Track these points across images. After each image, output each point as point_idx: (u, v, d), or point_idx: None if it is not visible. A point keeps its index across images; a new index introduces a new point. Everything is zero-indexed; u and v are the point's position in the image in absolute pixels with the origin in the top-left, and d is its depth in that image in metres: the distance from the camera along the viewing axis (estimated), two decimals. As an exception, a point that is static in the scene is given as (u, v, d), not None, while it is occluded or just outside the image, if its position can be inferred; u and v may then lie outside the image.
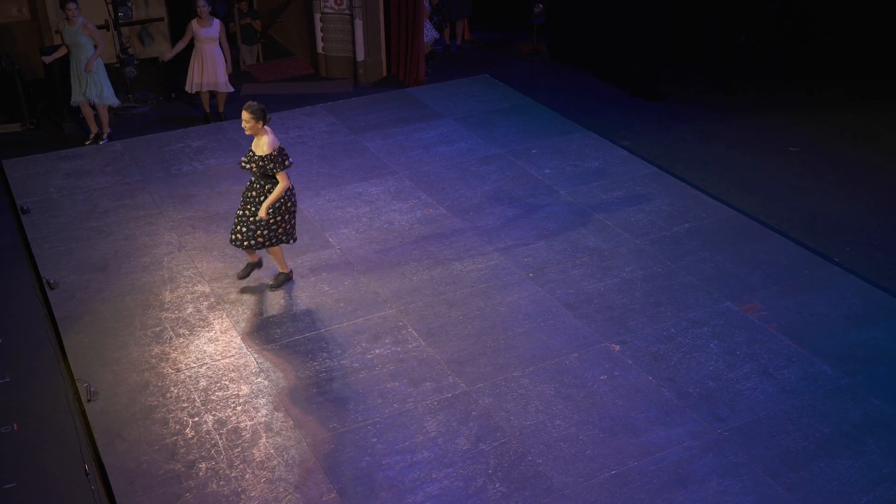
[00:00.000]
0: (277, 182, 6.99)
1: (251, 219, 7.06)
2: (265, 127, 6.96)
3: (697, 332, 6.96)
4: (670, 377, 6.48)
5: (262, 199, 7.04)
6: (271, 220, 7.08)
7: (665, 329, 6.99)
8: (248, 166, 7.03)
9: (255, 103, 6.95)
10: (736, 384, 6.40)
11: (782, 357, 6.67)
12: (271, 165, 6.91)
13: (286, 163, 6.97)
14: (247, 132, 6.96)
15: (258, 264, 7.57)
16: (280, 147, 6.98)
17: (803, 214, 8.76)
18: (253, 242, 7.13)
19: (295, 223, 7.33)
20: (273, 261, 7.55)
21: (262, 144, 6.94)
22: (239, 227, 7.12)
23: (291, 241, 7.38)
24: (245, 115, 6.90)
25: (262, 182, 7.04)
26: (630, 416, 6.11)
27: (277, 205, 7.04)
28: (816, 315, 7.14)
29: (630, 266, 7.81)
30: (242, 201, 7.13)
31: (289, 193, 7.10)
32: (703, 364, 6.61)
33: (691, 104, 11.39)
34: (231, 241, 7.20)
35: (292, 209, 7.19)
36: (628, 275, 7.68)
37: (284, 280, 7.53)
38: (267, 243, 7.18)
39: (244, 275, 7.55)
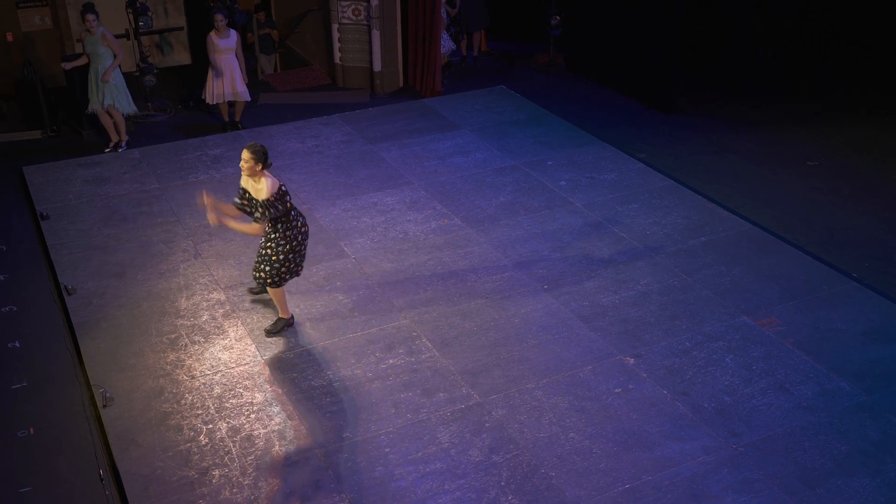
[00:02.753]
0: (282, 222, 6.58)
1: (260, 251, 6.78)
2: (264, 171, 6.48)
3: (713, 346, 6.91)
4: (685, 391, 6.44)
5: (272, 234, 6.64)
6: (273, 257, 6.68)
7: (680, 343, 6.95)
8: (249, 211, 6.61)
9: (259, 145, 6.46)
10: (751, 399, 6.35)
11: (799, 373, 6.61)
12: (260, 213, 6.46)
13: (282, 207, 6.46)
14: (244, 172, 6.48)
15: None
16: (279, 189, 6.46)
17: (821, 229, 8.69)
18: (256, 275, 6.83)
19: (301, 260, 6.87)
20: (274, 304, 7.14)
21: (262, 189, 6.45)
22: (256, 258, 6.87)
23: (296, 277, 6.97)
24: (246, 154, 6.39)
25: (263, 223, 6.64)
26: (644, 430, 6.07)
27: (282, 243, 6.64)
28: (834, 331, 7.08)
29: (645, 279, 7.77)
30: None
31: (294, 232, 6.66)
32: (719, 378, 6.56)
33: (708, 117, 11.35)
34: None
35: (297, 248, 6.75)
36: (643, 288, 7.64)
37: (283, 326, 7.07)
38: (269, 280, 6.77)
39: (258, 290, 7.50)
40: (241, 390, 6.49)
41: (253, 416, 6.25)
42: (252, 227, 6.62)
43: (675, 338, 7.01)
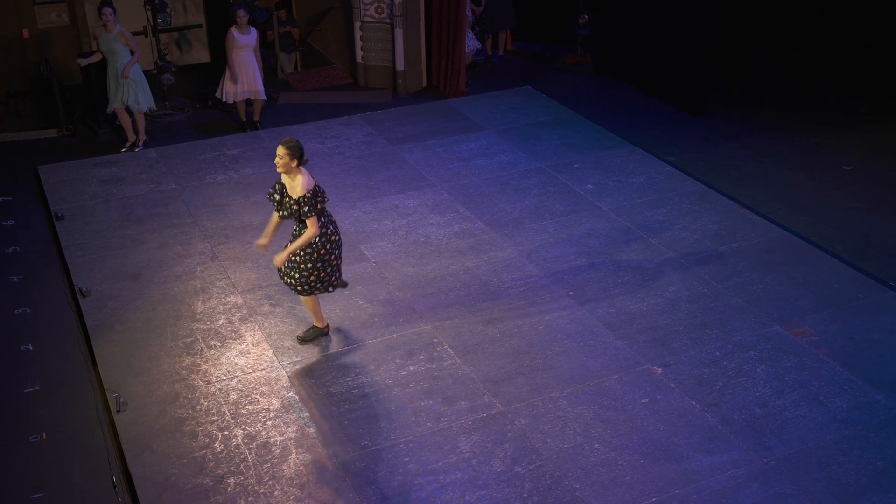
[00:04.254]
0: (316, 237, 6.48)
1: (290, 256, 6.63)
2: (300, 167, 6.41)
3: (744, 356, 6.87)
4: (715, 402, 6.40)
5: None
6: (302, 265, 6.57)
7: (710, 352, 6.91)
8: (281, 212, 6.53)
9: (294, 140, 6.37)
10: (784, 411, 6.30)
11: (833, 384, 6.56)
12: (305, 209, 6.37)
13: (318, 206, 6.42)
14: (278, 169, 6.38)
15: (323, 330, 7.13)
16: (315, 187, 6.42)
17: (857, 236, 8.62)
18: (287, 280, 6.71)
19: (333, 271, 6.74)
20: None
21: (297, 186, 6.38)
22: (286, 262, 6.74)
23: (330, 290, 6.87)
24: (281, 150, 6.30)
25: (298, 225, 6.59)
26: (672, 442, 6.04)
27: (309, 251, 6.52)
28: (870, 341, 7.01)
29: (674, 286, 7.73)
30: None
31: (323, 240, 6.52)
32: (750, 390, 6.52)
33: (740, 120, 11.28)
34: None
35: (326, 257, 6.59)
36: (672, 295, 7.61)
37: (316, 335, 7.02)
38: (299, 288, 6.66)
39: (306, 337, 7.11)
40: (257, 396, 6.52)
41: (269, 423, 6.27)
42: (306, 234, 6.41)
43: (705, 347, 6.97)
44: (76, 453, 6.11)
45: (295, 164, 6.37)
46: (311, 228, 6.43)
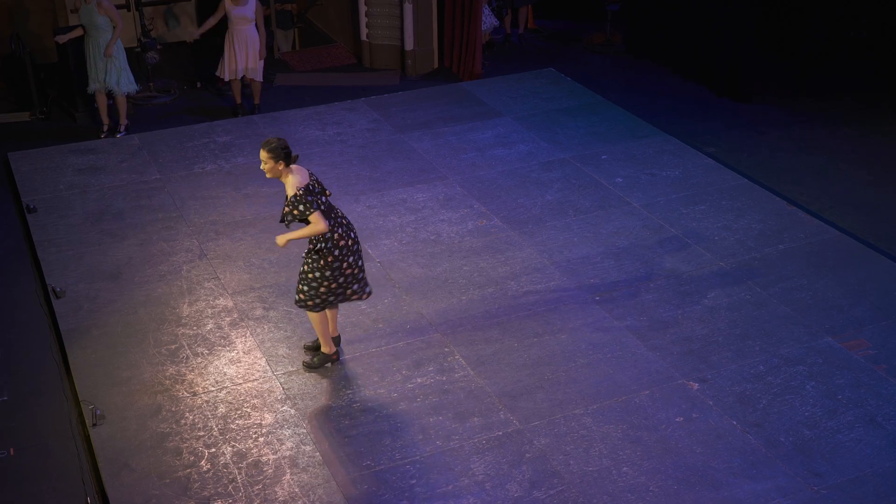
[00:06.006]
0: (324, 234, 6.33)
1: (301, 266, 6.59)
2: (290, 167, 6.34)
3: (791, 370, 6.83)
4: (758, 422, 6.37)
5: (314, 246, 6.42)
6: (310, 274, 6.47)
7: (753, 366, 6.88)
8: (285, 221, 6.43)
9: (276, 140, 6.30)
10: (836, 434, 6.27)
11: (893, 404, 6.52)
12: (301, 208, 6.24)
13: (318, 202, 6.30)
14: (267, 175, 6.33)
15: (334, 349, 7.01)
16: (308, 185, 6.32)
17: (919, 238, 8.59)
18: (296, 297, 6.62)
19: (348, 281, 6.58)
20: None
21: (288, 185, 6.33)
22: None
23: (355, 298, 6.75)
24: (263, 153, 6.24)
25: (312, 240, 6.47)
26: (709, 466, 6.02)
27: (315, 257, 6.41)
28: (933, 356, 6.98)
29: (713, 292, 7.70)
30: None
31: (329, 245, 6.38)
32: (798, 409, 6.48)
33: (789, 107, 11.26)
34: None
35: (336, 265, 6.44)
36: (711, 302, 7.58)
37: (323, 362, 6.88)
38: (309, 303, 6.56)
39: (311, 363, 6.99)
40: (248, 410, 6.52)
41: (262, 439, 6.27)
42: (309, 228, 6.30)
43: (747, 360, 6.94)
44: (47, 471, 6.12)
45: (282, 165, 6.29)
46: (317, 225, 6.27)
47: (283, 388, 6.71)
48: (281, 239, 6.45)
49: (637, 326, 7.32)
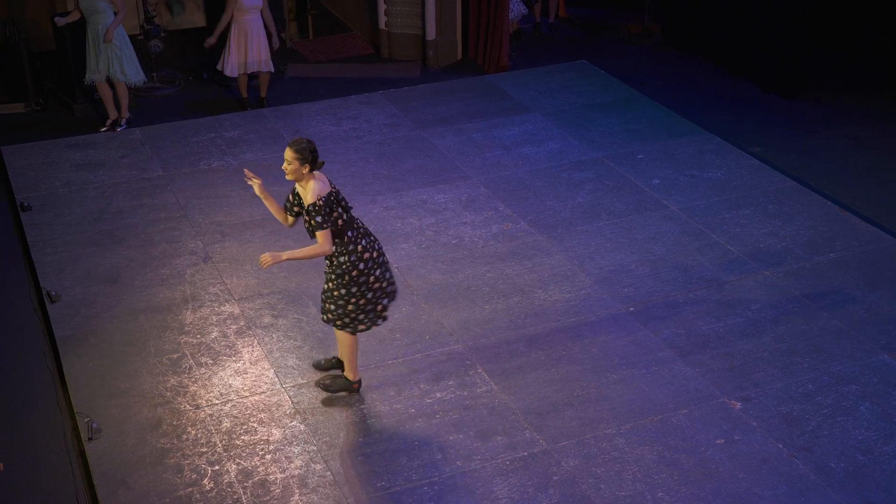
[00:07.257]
0: (335, 244, 6.22)
1: (325, 284, 6.49)
2: (313, 172, 6.19)
3: (843, 390, 6.79)
4: (807, 446, 6.33)
5: (332, 260, 6.30)
6: (335, 292, 6.35)
7: (801, 385, 6.85)
8: (296, 213, 6.40)
9: (306, 141, 6.15)
10: (893, 459, 6.23)
11: (952, 427, 6.47)
12: (318, 219, 6.10)
13: (334, 216, 6.17)
14: (287, 176, 6.17)
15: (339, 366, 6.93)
16: (330, 194, 6.17)
17: (983, 247, 8.51)
18: (323, 316, 6.53)
19: (377, 296, 6.45)
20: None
21: (308, 193, 6.16)
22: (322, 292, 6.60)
23: (380, 323, 6.62)
24: (289, 153, 6.08)
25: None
26: (753, 493, 5.98)
27: (339, 272, 6.27)
28: None
29: (758, 304, 7.67)
30: None
31: (353, 259, 6.24)
32: (850, 432, 6.44)
33: (842, 104, 11.22)
34: None
35: (362, 279, 6.31)
36: (755, 314, 7.55)
37: (342, 388, 6.74)
38: (339, 322, 6.45)
39: (321, 366, 7.02)
40: (255, 425, 6.54)
41: (269, 456, 6.28)
42: (314, 248, 6.22)
43: (795, 378, 6.91)
44: (39, 488, 6.14)
45: (307, 169, 6.15)
46: (322, 245, 6.16)
47: (293, 402, 6.72)
48: (270, 257, 6.23)
49: (675, 340, 7.29)
